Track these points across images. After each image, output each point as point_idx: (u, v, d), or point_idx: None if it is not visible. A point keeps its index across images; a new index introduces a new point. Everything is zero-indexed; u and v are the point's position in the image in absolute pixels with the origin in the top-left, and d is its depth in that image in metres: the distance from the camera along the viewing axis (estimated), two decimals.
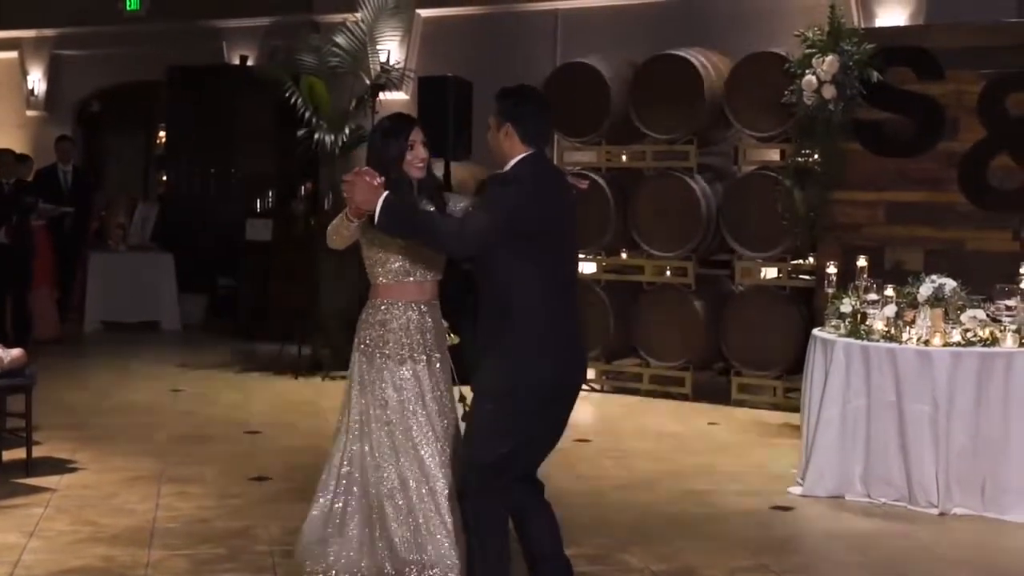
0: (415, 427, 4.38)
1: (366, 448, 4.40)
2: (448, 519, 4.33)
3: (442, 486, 4.36)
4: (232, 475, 6.81)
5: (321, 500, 4.50)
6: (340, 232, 4.40)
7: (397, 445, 4.37)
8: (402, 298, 4.45)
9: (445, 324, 4.59)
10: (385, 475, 4.36)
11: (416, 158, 4.40)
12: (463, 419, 4.43)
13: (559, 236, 4.27)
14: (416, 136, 4.42)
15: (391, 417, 4.38)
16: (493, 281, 4.20)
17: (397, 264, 4.43)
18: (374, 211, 4.12)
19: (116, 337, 12.44)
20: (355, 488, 4.42)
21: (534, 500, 4.41)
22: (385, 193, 4.13)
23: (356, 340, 4.50)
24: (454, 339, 4.62)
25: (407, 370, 4.40)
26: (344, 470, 4.45)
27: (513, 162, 4.27)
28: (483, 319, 4.23)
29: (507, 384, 4.15)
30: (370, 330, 4.45)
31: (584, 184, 4.79)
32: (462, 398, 4.52)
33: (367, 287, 4.59)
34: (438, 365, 4.49)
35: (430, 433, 4.39)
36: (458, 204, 4.53)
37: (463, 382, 4.51)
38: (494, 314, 4.19)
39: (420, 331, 4.45)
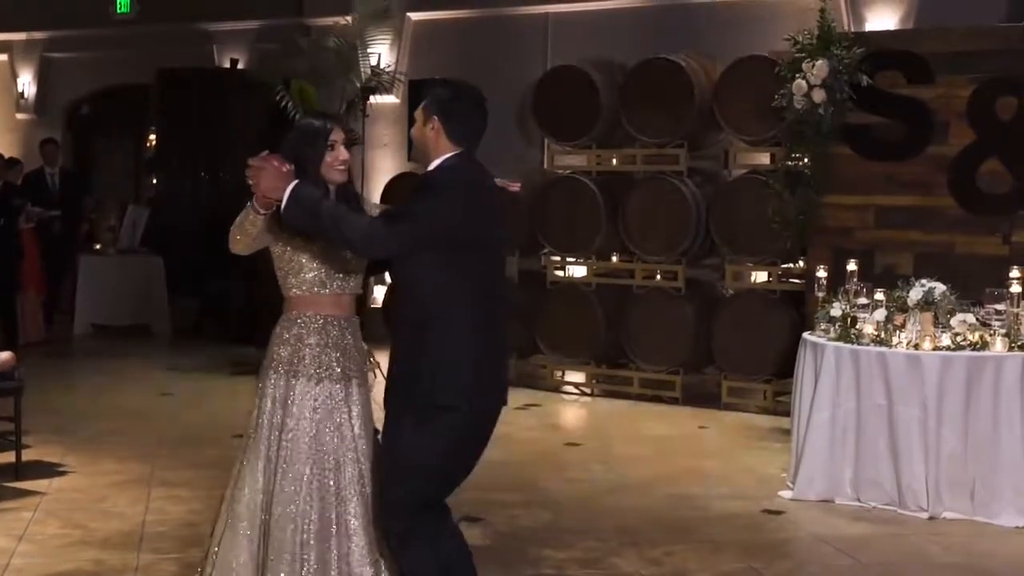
0: (331, 452, 4.01)
1: (277, 471, 3.99)
2: (364, 552, 3.99)
3: (356, 522, 4.00)
4: (222, 479, 6.74)
5: (225, 524, 4.11)
6: (244, 229, 4.02)
7: (312, 471, 3.98)
8: (319, 312, 4.07)
9: (365, 347, 4.23)
10: (296, 500, 3.97)
11: (336, 159, 4.05)
12: (381, 445, 4.06)
13: (485, 244, 3.95)
14: (337, 136, 4.08)
15: (304, 439, 3.99)
16: (413, 290, 3.89)
17: (311, 274, 4.06)
18: (281, 200, 3.79)
19: (106, 340, 12.41)
20: (260, 511, 4.03)
21: (444, 524, 4.01)
22: (295, 180, 3.82)
23: (268, 356, 4.12)
24: (375, 362, 4.26)
25: (324, 390, 4.03)
26: (250, 494, 4.06)
27: (438, 161, 3.94)
28: (401, 330, 3.94)
29: (424, 404, 3.81)
30: (284, 346, 4.07)
31: (516, 186, 4.59)
32: (377, 431, 4.15)
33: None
34: (356, 388, 4.11)
35: (350, 458, 4.03)
36: (373, 209, 4.24)
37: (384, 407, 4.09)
38: (413, 326, 3.87)
39: (339, 349, 4.07)
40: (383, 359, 4.10)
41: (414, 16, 12.83)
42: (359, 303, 4.28)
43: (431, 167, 3.96)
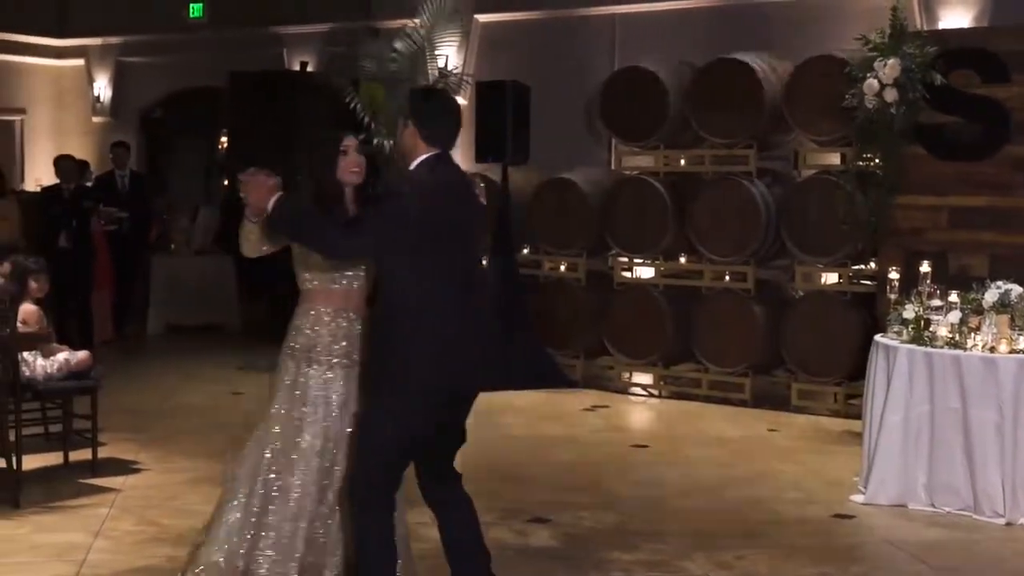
0: (334, 435, 4.45)
1: (293, 454, 4.44)
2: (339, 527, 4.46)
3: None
4: None
5: (236, 503, 4.51)
6: (245, 236, 4.51)
7: (322, 451, 4.43)
8: (330, 304, 4.50)
9: None
10: (308, 481, 4.42)
11: (350, 164, 4.48)
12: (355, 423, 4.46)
13: (454, 241, 4.25)
14: (349, 142, 4.51)
15: (318, 421, 4.44)
16: (384, 284, 4.26)
17: (321, 271, 4.49)
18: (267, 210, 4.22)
19: (178, 340, 12.59)
20: (275, 492, 4.45)
21: (449, 496, 4.41)
22: (279, 194, 4.26)
23: (285, 343, 4.56)
24: None
25: (337, 375, 4.46)
26: (264, 475, 4.48)
27: (415, 163, 4.29)
28: (375, 320, 4.31)
29: (389, 389, 4.15)
30: (300, 335, 4.51)
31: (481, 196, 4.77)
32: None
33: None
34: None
35: (347, 441, 4.46)
36: None
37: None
38: (384, 318, 4.24)
39: (348, 339, 4.49)
40: None
41: (482, 18, 12.86)
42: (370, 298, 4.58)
43: (409, 169, 4.31)
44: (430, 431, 4.24)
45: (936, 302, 6.51)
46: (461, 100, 11.93)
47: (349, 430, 4.44)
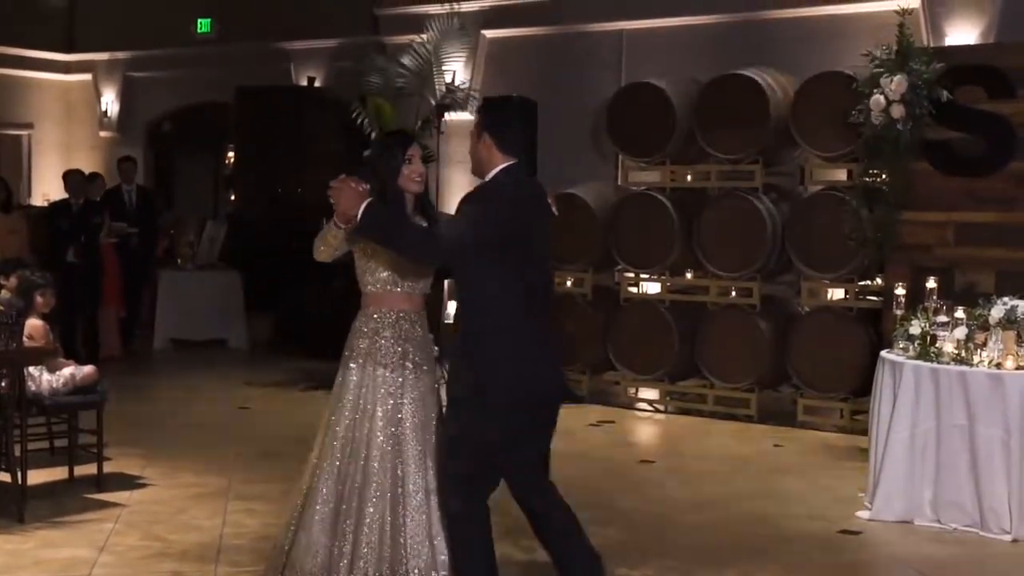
0: (401, 436, 4.53)
1: (360, 459, 4.51)
2: (426, 528, 4.49)
3: (422, 495, 4.51)
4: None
5: (317, 507, 4.58)
6: (327, 241, 4.59)
7: (384, 454, 4.50)
8: (393, 307, 4.61)
9: (432, 337, 4.74)
10: (372, 485, 4.49)
11: (413, 172, 4.57)
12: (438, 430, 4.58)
13: (533, 247, 4.35)
14: (414, 151, 4.61)
15: (379, 424, 4.52)
16: (467, 290, 4.33)
17: (385, 274, 4.59)
18: (357, 216, 4.26)
19: (185, 355, 12.60)
20: (339, 498, 4.52)
21: (545, 502, 4.46)
22: (368, 200, 4.28)
23: (348, 347, 4.65)
24: (440, 351, 4.78)
25: (397, 377, 4.56)
26: (328, 480, 4.56)
27: (492, 173, 4.35)
28: (460, 325, 4.37)
29: (477, 391, 4.22)
30: (362, 338, 4.61)
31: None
32: (441, 412, 4.64)
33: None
34: (425, 375, 4.64)
35: (415, 443, 4.54)
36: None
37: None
38: (469, 322, 4.31)
39: (410, 341, 4.61)
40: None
41: (489, 34, 12.90)
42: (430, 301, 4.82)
43: (486, 179, 4.38)
44: (515, 434, 4.30)
45: (942, 318, 6.50)
46: (467, 116, 11.97)
47: (414, 432, 4.52)
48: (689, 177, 10.16)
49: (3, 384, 6.28)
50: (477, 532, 4.34)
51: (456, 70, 12.28)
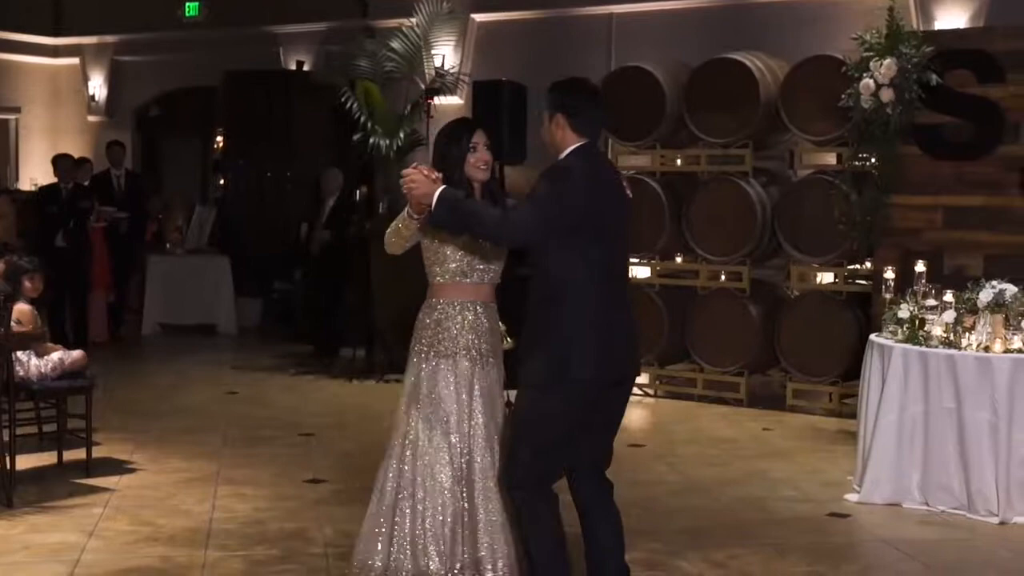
0: (468, 427, 4.45)
1: (426, 452, 4.44)
2: (500, 518, 4.41)
3: (492, 484, 4.43)
4: (287, 477, 6.87)
5: (378, 500, 4.54)
6: (400, 233, 4.50)
7: (451, 445, 4.44)
8: (458, 298, 4.52)
9: (502, 327, 4.65)
10: (439, 476, 4.42)
11: (479, 160, 4.49)
12: (508, 411, 4.50)
13: (609, 228, 4.27)
14: (479, 139, 4.51)
15: (445, 417, 4.44)
16: (543, 272, 4.22)
17: (454, 264, 4.50)
18: (431, 204, 4.16)
19: (173, 339, 12.58)
20: (408, 489, 4.46)
21: (600, 503, 4.42)
22: (442, 187, 4.19)
23: (413, 341, 4.56)
24: (510, 343, 4.64)
25: (462, 369, 4.47)
26: (398, 472, 4.49)
27: (566, 152, 4.29)
28: (532, 310, 4.25)
29: (553, 374, 4.15)
30: (425, 331, 4.52)
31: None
32: (508, 402, 4.56)
33: (423, 291, 4.64)
34: (492, 368, 4.55)
35: (481, 434, 4.46)
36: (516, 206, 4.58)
37: (514, 386, 4.52)
38: (544, 304, 4.21)
39: (475, 332, 4.50)
40: None
41: (478, 17, 12.86)
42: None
43: (559, 159, 4.30)
44: (587, 418, 4.25)
45: (931, 302, 6.51)
46: (457, 100, 11.95)
47: (484, 424, 4.45)
48: (679, 161, 10.14)
49: None
50: (546, 519, 4.26)
51: (445, 54, 12.26)
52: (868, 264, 8.91)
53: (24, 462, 6.65)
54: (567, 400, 4.17)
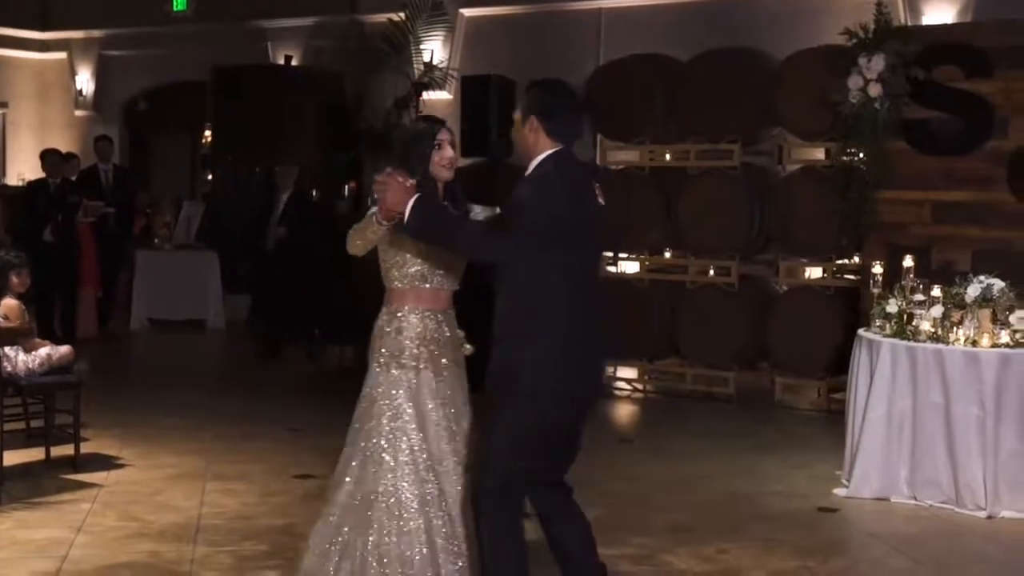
0: (431, 439, 4.30)
1: (387, 462, 4.27)
2: (461, 532, 4.27)
3: (454, 500, 4.29)
4: (276, 473, 6.86)
5: (330, 516, 4.38)
6: (365, 235, 4.28)
7: (414, 459, 4.27)
8: (419, 306, 4.35)
9: (461, 334, 4.49)
10: (399, 490, 4.25)
11: (444, 158, 4.30)
12: (478, 427, 4.33)
13: (584, 237, 4.09)
14: (444, 136, 4.33)
15: (407, 428, 4.28)
16: (516, 283, 4.01)
17: (414, 269, 4.33)
18: (404, 213, 4.00)
19: (161, 335, 12.55)
20: (365, 503, 4.29)
21: (562, 506, 4.29)
22: (417, 195, 4.03)
23: (372, 350, 4.39)
24: (469, 349, 4.50)
25: (423, 380, 4.32)
26: (354, 485, 4.33)
27: (539, 159, 4.07)
28: (503, 322, 4.04)
29: (528, 385, 3.98)
30: (386, 339, 4.35)
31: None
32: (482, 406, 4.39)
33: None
34: (453, 376, 4.40)
35: (445, 446, 4.32)
36: (478, 211, 4.45)
37: (475, 391, 4.43)
38: (516, 316, 4.01)
39: (435, 342, 4.35)
40: None
41: (467, 12, 12.85)
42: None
43: (531, 167, 4.09)
44: (556, 432, 4.09)
45: (919, 296, 6.53)
46: (445, 95, 11.94)
47: (445, 441, 4.31)
48: (668, 156, 10.15)
49: None
50: (510, 532, 4.08)
51: (434, 49, 12.25)
52: (856, 259, 8.92)
53: (11, 458, 6.61)
54: (541, 412, 4.00)
